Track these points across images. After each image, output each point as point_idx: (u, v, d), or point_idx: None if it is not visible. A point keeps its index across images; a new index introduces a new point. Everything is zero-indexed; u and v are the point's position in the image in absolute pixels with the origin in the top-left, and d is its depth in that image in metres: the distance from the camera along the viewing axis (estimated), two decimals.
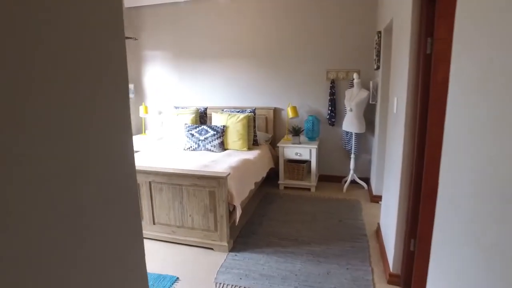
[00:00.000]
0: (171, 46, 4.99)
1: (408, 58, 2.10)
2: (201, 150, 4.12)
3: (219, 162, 3.47)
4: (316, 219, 3.46)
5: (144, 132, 5.34)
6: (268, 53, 4.59)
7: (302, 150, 4.23)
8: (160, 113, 5.27)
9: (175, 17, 4.87)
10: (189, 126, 4.24)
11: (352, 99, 4.04)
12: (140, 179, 3.02)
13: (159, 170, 2.93)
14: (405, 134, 2.17)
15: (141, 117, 5.32)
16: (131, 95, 5.28)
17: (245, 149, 4.10)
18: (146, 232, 3.11)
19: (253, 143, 4.30)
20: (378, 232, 3.05)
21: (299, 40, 4.44)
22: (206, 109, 4.66)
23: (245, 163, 3.56)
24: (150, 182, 3.00)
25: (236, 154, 3.90)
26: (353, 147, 4.27)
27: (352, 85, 4.25)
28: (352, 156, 4.29)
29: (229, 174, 2.83)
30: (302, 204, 3.87)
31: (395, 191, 2.37)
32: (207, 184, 2.81)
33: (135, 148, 5.05)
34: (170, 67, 5.07)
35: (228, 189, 2.87)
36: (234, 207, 2.93)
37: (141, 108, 5.11)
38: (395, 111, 2.55)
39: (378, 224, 3.12)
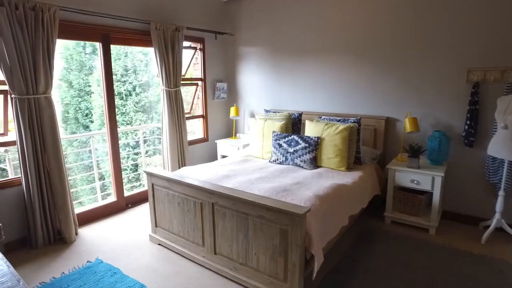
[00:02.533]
0: (268, 42, 4.43)
1: None
2: (288, 164, 3.44)
3: (304, 186, 2.73)
4: (435, 284, 2.39)
5: (235, 135, 4.96)
6: (382, 47, 3.57)
7: (421, 177, 3.12)
8: (252, 116, 4.80)
9: (273, 9, 4.28)
10: (277, 135, 3.60)
11: (510, 111, 2.75)
12: (203, 197, 2.53)
13: (223, 192, 2.38)
14: None
15: (232, 119, 4.94)
16: (224, 95, 4.96)
17: (342, 168, 3.24)
18: (206, 261, 2.61)
19: (354, 162, 3.39)
20: None
21: (425, 28, 3.30)
22: (300, 115, 3.95)
23: (339, 190, 2.73)
24: (213, 204, 2.48)
25: (330, 175, 3.08)
26: (503, 181, 2.95)
27: (510, 91, 2.92)
28: (501, 193, 2.96)
29: (309, 210, 2.07)
30: (415, 252, 2.81)
31: None
32: (278, 220, 2.12)
33: (222, 152, 4.71)
34: (266, 64, 4.53)
35: (307, 230, 2.11)
36: (312, 255, 2.16)
37: (232, 110, 4.73)
38: None
39: None
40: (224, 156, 4.72)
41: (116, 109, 7.46)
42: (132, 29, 3.60)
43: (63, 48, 7.30)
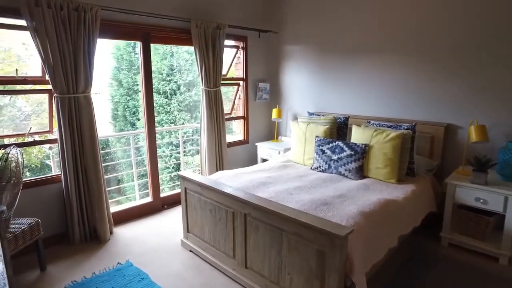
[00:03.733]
0: (314, 40, 4.15)
1: None
2: (331, 172, 3.15)
3: (348, 199, 2.44)
4: None
5: (276, 138, 4.74)
6: (443, 47, 3.13)
7: (489, 196, 2.66)
8: (295, 118, 4.54)
9: (321, 5, 3.99)
10: (320, 140, 3.32)
11: None
12: (235, 206, 2.36)
13: (255, 203, 2.17)
14: None
15: (274, 121, 4.73)
16: (266, 96, 4.76)
17: (392, 180, 2.88)
18: (236, 275, 2.43)
19: (406, 173, 3.01)
20: None
21: (496, 28, 2.81)
22: (347, 118, 3.62)
23: (387, 206, 2.40)
24: (245, 215, 2.28)
25: (378, 188, 2.74)
26: None
27: None
28: None
29: (351, 231, 1.80)
30: (479, 285, 2.39)
31: None
32: (315, 239, 1.87)
33: (263, 156, 4.51)
34: (311, 64, 4.25)
35: (348, 254, 1.84)
36: (353, 282, 1.88)
37: (274, 111, 4.52)
38: None
39: None
40: (264, 160, 4.53)
41: (161, 108, 7.70)
42: (173, 28, 3.53)
43: (114, 49, 7.61)
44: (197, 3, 3.71)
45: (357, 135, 3.18)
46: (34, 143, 2.87)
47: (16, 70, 2.83)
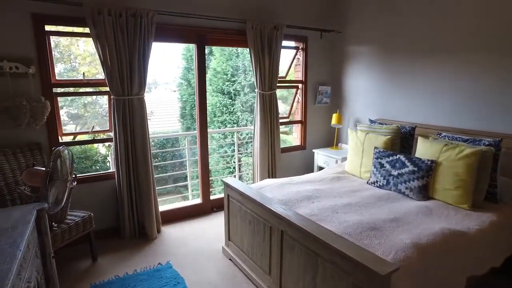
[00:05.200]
0: (382, 40, 3.74)
1: None
2: (389, 189, 2.78)
3: (402, 225, 2.10)
4: None
5: (336, 145, 4.42)
6: None
7: None
8: (356, 125, 4.18)
9: (391, 1, 3.58)
10: (380, 152, 2.96)
11: None
12: (272, 221, 2.20)
13: (291, 220, 1.98)
14: None
15: (333, 127, 4.41)
16: (326, 100, 4.47)
17: (465, 206, 2.41)
18: None
19: (485, 198, 2.50)
20: None
21: None
22: (413, 129, 3.18)
23: (454, 240, 1.99)
24: (282, 232, 2.11)
25: (444, 214, 2.32)
26: None
27: None
28: None
29: (397, 269, 1.50)
30: None
31: None
32: (353, 271, 1.61)
33: (320, 163, 4.25)
34: (377, 66, 3.84)
35: None
36: None
37: (334, 117, 4.21)
38: None
39: None
40: (321, 168, 4.26)
41: (224, 108, 7.85)
42: (227, 29, 3.49)
43: (184, 50, 7.99)
44: (253, 3, 3.61)
45: (423, 149, 2.75)
46: (93, 141, 3.09)
47: (84, 73, 3.06)
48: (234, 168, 7.44)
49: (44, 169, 2.07)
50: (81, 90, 3.12)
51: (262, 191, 2.69)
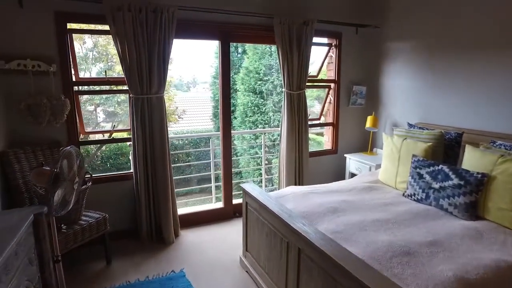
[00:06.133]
0: (425, 34, 3.33)
1: None
2: (429, 204, 2.43)
3: (443, 252, 1.77)
4: None
5: (370, 150, 4.07)
6: None
7: None
8: (393, 129, 3.81)
9: None
10: (418, 160, 2.61)
11: None
12: (290, 236, 1.97)
13: (308, 238, 1.74)
14: None
15: (368, 131, 4.06)
16: (361, 101, 4.12)
17: None
18: None
19: None
20: None
21: None
22: (460, 135, 2.78)
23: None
24: (299, 250, 1.87)
25: (499, 240, 1.94)
26: None
27: None
28: None
29: None
30: None
31: None
32: None
33: (352, 170, 3.92)
34: (419, 64, 3.44)
35: None
36: None
37: (369, 119, 3.87)
38: None
39: None
40: (353, 175, 3.94)
41: (256, 108, 7.67)
42: (254, 25, 3.29)
43: (217, 48, 7.93)
44: None
45: (473, 160, 2.37)
46: (110, 141, 3.02)
47: (105, 71, 3.01)
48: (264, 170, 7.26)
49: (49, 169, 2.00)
50: (104, 88, 3.07)
51: (283, 200, 2.46)
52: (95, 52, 7.05)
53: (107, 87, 3.04)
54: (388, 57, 3.82)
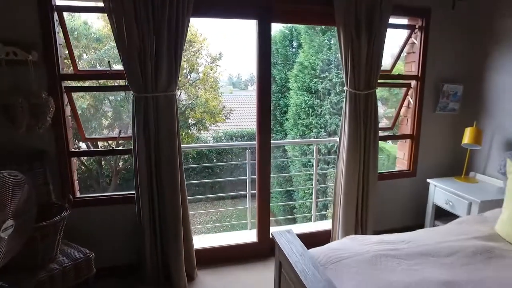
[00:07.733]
0: None
1: None
2: None
3: None
4: None
5: (466, 175, 2.90)
6: None
7: None
8: (507, 149, 2.62)
9: None
10: None
11: None
12: None
13: None
14: None
15: (464, 148, 2.89)
16: (454, 105, 2.97)
17: None
18: None
19: None
20: None
21: None
22: None
23: None
24: None
25: None
26: None
27: None
28: None
29: None
30: None
31: None
32: None
33: (438, 202, 2.81)
34: None
35: None
36: None
37: (467, 132, 2.73)
38: None
39: None
40: (439, 210, 2.84)
41: (310, 109, 6.69)
42: None
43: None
44: None
45: None
46: (113, 152, 2.34)
47: (109, 62, 2.35)
48: (316, 181, 6.28)
49: None
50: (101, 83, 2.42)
51: (337, 270, 1.53)
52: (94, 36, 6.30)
53: (106, 83, 2.38)
54: (501, 43, 2.64)
